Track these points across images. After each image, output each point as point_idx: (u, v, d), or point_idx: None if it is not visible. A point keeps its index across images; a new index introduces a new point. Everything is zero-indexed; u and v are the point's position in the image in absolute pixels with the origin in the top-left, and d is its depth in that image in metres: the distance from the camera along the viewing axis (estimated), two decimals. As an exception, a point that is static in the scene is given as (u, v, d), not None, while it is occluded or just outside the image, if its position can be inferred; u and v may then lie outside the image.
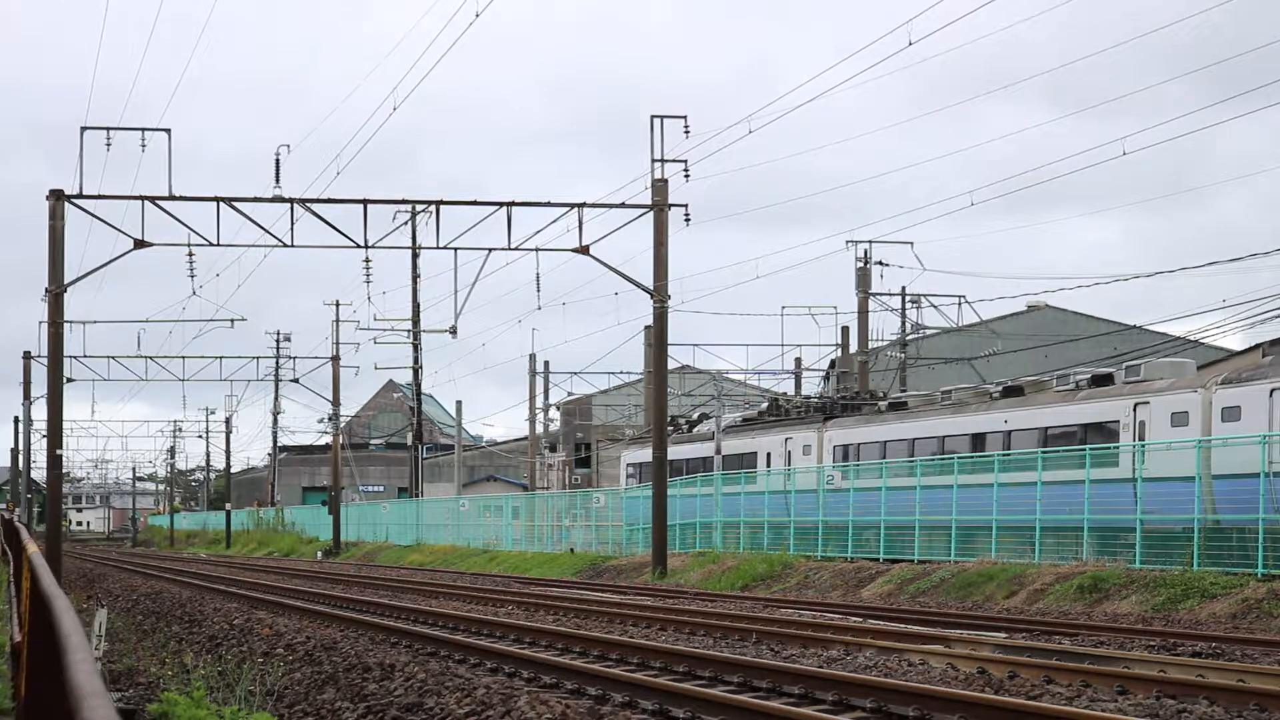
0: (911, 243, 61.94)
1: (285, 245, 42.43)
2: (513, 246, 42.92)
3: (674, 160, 42.58)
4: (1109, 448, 34.68)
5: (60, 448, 42.98)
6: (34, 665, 8.26)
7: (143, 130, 40.94)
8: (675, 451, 51.82)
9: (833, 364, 70.33)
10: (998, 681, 17.05)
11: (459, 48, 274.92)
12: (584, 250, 43.14)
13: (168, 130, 40.98)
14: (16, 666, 12.68)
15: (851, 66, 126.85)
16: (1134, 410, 34.67)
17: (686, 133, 41.73)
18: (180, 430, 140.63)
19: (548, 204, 43.06)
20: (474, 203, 43.60)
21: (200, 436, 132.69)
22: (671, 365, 51.86)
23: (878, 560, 40.32)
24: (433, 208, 43.97)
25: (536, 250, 43.83)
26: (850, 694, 15.39)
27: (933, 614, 27.83)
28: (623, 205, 43.59)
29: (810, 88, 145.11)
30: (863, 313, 63.12)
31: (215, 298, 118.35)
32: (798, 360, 74.37)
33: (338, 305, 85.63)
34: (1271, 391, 31.05)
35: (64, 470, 54.69)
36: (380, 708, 15.68)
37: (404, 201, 45.68)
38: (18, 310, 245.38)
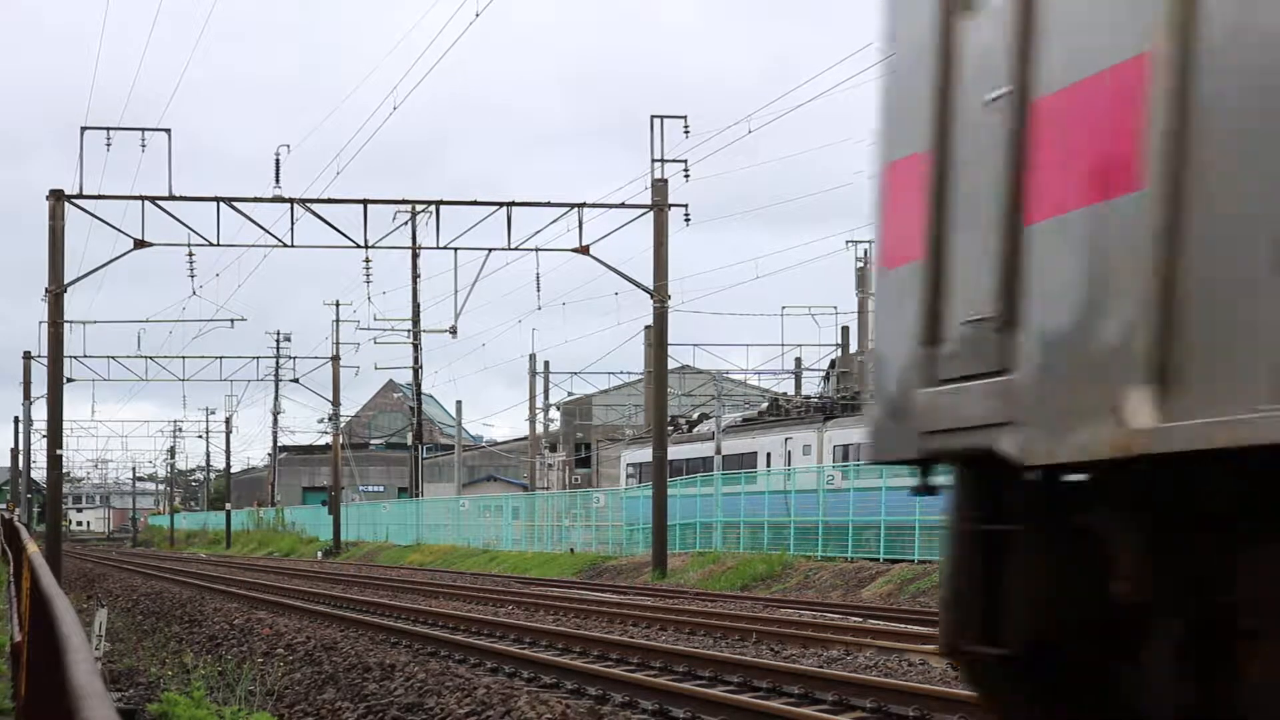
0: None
1: (285, 245, 42.46)
2: (513, 246, 42.95)
3: (674, 160, 42.64)
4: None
5: (60, 448, 42.98)
6: (34, 665, 8.27)
7: (143, 130, 41.03)
8: (675, 451, 51.82)
9: (833, 364, 70.34)
10: (998, 681, 17.03)
11: (473, 48, 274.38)
12: (584, 250, 43.14)
13: (168, 130, 41.09)
14: (16, 666, 12.68)
15: (853, 65, 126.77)
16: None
17: (686, 133, 41.79)
18: (180, 430, 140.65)
19: (547, 204, 43.09)
20: (474, 203, 43.64)
21: (200, 436, 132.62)
22: (672, 365, 51.85)
23: (878, 560, 40.30)
24: (432, 208, 44.01)
25: (536, 250, 43.88)
26: (850, 694, 15.38)
27: (933, 614, 27.79)
28: (622, 205, 43.61)
29: (810, 88, 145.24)
30: (863, 313, 63.16)
31: (215, 298, 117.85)
32: (798, 360, 74.41)
33: (338, 305, 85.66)
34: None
35: (64, 470, 54.71)
36: (380, 708, 15.68)
37: (404, 201, 45.73)
38: (18, 310, 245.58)
